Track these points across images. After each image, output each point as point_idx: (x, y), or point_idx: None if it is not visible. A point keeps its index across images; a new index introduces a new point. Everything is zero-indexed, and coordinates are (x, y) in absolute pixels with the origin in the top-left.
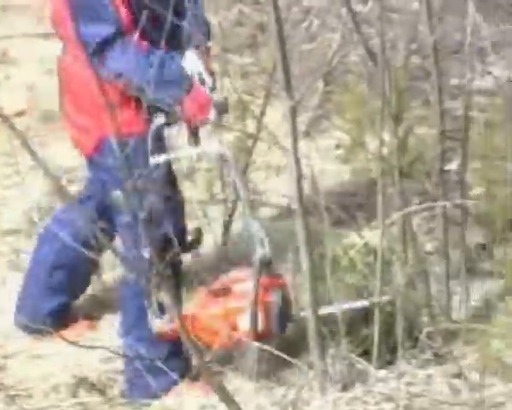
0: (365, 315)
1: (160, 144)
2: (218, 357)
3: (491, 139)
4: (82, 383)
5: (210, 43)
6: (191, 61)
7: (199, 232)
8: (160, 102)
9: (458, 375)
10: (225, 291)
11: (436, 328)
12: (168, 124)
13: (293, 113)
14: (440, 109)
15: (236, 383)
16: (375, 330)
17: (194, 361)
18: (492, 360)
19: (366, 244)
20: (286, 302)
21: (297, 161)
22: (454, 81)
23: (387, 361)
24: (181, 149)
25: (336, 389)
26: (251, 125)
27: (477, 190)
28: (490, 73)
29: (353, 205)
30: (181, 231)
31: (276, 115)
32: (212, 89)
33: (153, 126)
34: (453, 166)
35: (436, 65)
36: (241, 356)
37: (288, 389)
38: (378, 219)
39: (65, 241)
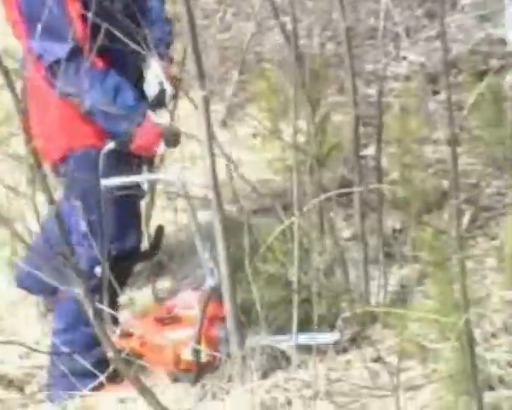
0: (284, 302)
1: (117, 166)
2: None
3: (405, 124)
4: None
5: (172, 50)
6: (153, 70)
7: (160, 231)
8: (110, 129)
9: (376, 359)
10: (172, 319)
11: (353, 313)
12: (119, 150)
13: (206, 103)
14: (354, 95)
15: (155, 375)
16: (294, 317)
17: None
18: (410, 344)
19: (284, 232)
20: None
21: (211, 151)
22: (369, 67)
23: (307, 348)
24: (135, 175)
25: (256, 377)
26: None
27: (393, 175)
28: (404, 58)
29: (271, 194)
30: (138, 240)
31: (189, 107)
32: (174, 97)
33: (104, 150)
34: (369, 151)
35: (349, 51)
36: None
37: (207, 380)
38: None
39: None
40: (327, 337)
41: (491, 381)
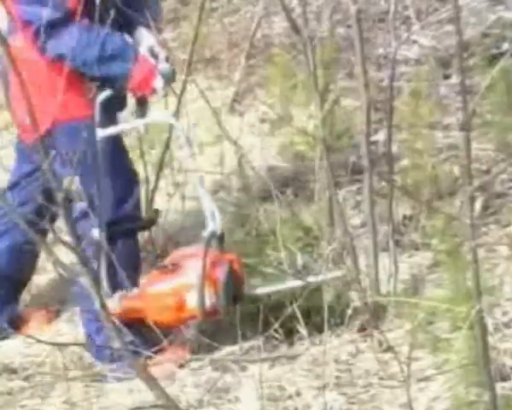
0: (293, 292)
1: (110, 117)
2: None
3: (416, 109)
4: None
5: (160, 20)
6: (142, 37)
7: (156, 213)
8: (108, 77)
9: (387, 349)
10: (174, 267)
11: (364, 302)
12: (116, 95)
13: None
14: (365, 80)
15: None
16: (295, 307)
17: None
18: (421, 334)
19: (295, 219)
20: (235, 278)
21: None
22: (379, 51)
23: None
24: (128, 121)
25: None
26: (173, 102)
27: (404, 161)
28: (415, 42)
29: (280, 180)
30: (136, 208)
31: (197, 91)
32: (167, 60)
33: (99, 98)
34: (380, 137)
35: (360, 35)
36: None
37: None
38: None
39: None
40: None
41: (504, 371)
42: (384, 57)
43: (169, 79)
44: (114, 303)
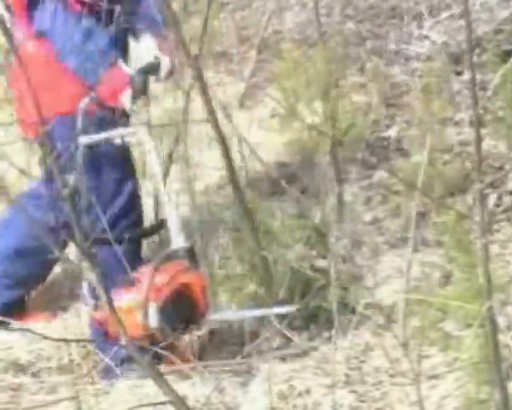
0: (303, 289)
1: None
2: None
3: (428, 105)
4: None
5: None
6: (146, 44)
7: (161, 223)
8: (78, 71)
9: (397, 346)
10: (137, 282)
11: (374, 299)
12: (98, 103)
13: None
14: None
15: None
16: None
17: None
18: (432, 331)
19: (302, 215)
20: (185, 303)
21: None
22: (391, 47)
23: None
24: (113, 130)
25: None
26: (182, 97)
27: (416, 157)
28: (426, 37)
29: (288, 175)
30: (138, 216)
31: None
32: (173, 67)
33: (81, 105)
34: (391, 132)
35: None
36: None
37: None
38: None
39: (27, 226)
40: (283, 309)
41: None
42: (395, 53)
43: (139, 92)
44: (93, 309)
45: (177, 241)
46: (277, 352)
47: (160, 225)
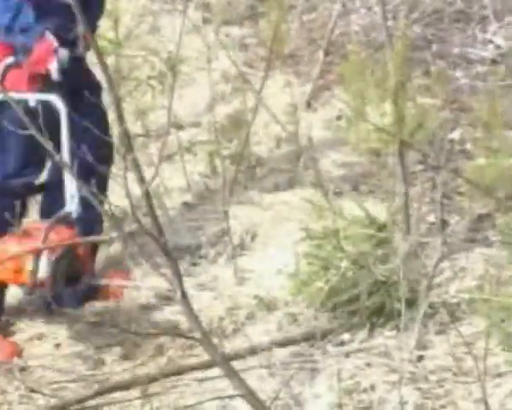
0: (370, 287)
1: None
2: None
3: (493, 108)
4: None
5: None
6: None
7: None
8: (9, 43)
9: (461, 345)
10: (24, 234)
11: (439, 298)
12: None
13: None
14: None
15: None
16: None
17: None
18: (496, 330)
19: (369, 216)
20: (73, 262)
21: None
22: (455, 50)
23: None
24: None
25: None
26: (250, 98)
27: (480, 160)
28: (491, 41)
29: (355, 176)
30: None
31: (275, 87)
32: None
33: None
34: (455, 135)
35: None
36: None
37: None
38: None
39: None
40: None
41: None
42: (460, 57)
43: (64, 65)
44: None
45: (71, 205)
46: (343, 348)
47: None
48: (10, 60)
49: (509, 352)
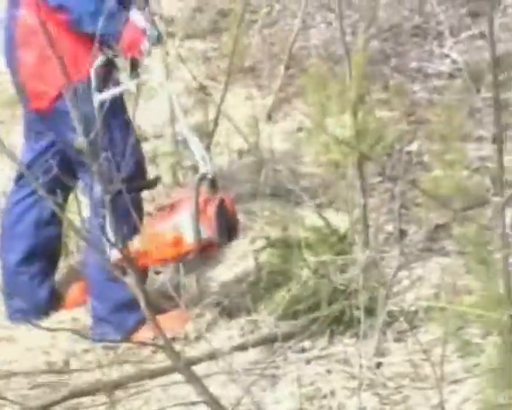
0: (330, 295)
1: (108, 81)
2: None
3: (449, 121)
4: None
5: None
6: (135, 17)
7: (157, 178)
8: (100, 34)
9: (419, 352)
10: (171, 208)
11: (397, 306)
12: (110, 60)
13: None
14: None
15: None
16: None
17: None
18: (452, 337)
19: (329, 226)
20: (227, 214)
21: None
22: (413, 64)
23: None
24: (123, 83)
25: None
26: (212, 110)
27: (437, 171)
28: (447, 56)
29: (315, 187)
30: (139, 165)
31: (237, 100)
32: (160, 38)
33: (95, 64)
34: (413, 147)
35: None
36: None
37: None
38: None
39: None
40: None
41: None
42: (417, 71)
43: (155, 41)
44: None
45: (204, 166)
46: (303, 354)
47: (156, 180)
48: (100, 58)
49: (465, 359)
